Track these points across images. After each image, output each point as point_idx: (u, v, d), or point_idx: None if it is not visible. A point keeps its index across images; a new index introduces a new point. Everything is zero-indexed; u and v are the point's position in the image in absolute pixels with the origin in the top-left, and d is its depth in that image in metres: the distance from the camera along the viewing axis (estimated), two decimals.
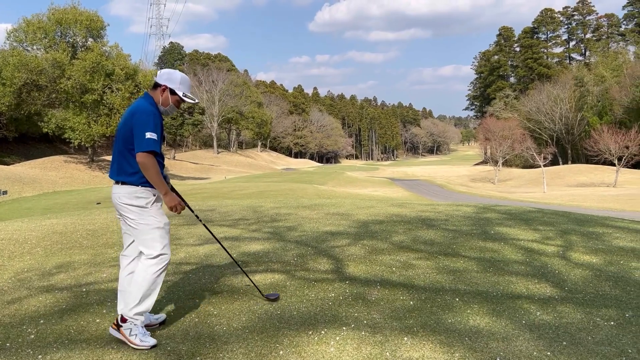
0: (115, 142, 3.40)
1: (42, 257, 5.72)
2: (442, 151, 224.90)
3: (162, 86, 3.39)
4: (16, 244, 6.56)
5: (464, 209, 8.96)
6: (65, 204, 24.62)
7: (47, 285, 4.58)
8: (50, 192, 32.81)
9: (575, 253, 5.40)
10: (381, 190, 39.41)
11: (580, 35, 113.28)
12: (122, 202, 3.30)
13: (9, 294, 4.36)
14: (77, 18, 37.68)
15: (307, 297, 4.08)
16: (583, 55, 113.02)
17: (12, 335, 3.43)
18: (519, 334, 3.29)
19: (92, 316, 3.74)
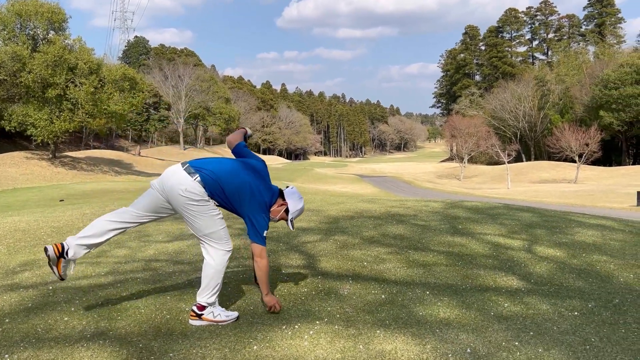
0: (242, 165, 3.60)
1: (5, 255, 5.56)
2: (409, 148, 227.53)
3: (286, 205, 3.66)
4: None
5: (432, 204, 9.10)
6: (26, 201, 23.88)
7: (12, 284, 4.46)
8: (9, 189, 31.77)
9: (540, 247, 5.56)
10: (350, 187, 39.66)
11: (543, 35, 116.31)
12: (188, 195, 3.36)
13: None
14: (38, 10, 36.52)
15: (280, 293, 4.08)
16: (546, 54, 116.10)
17: None
18: (488, 325, 3.38)
19: (59, 314, 3.66)
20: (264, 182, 3.60)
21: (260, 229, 3.47)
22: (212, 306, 3.45)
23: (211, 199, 3.41)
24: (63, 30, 38.81)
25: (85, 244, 3.48)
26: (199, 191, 3.35)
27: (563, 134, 53.65)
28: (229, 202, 3.47)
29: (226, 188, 3.43)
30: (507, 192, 38.27)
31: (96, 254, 5.52)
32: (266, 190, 3.57)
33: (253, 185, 3.50)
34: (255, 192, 3.49)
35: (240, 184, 3.46)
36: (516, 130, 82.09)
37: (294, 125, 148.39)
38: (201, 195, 3.36)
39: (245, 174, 3.52)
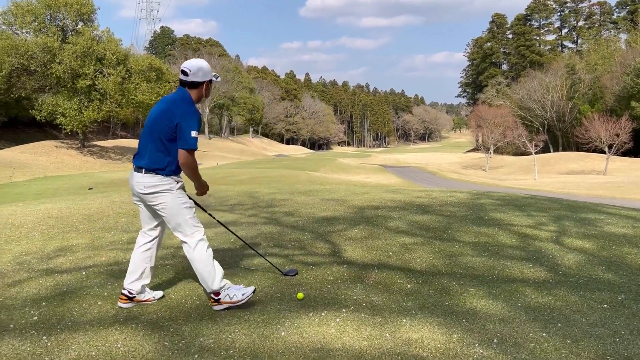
0: (147, 131, 3.52)
1: (40, 241, 5.73)
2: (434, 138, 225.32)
3: (204, 83, 3.56)
4: (12, 228, 6.56)
5: (458, 195, 9.04)
6: (57, 189, 24.48)
7: (47, 269, 4.60)
8: (41, 178, 32.56)
9: (569, 238, 5.49)
10: (373, 177, 39.54)
11: (573, 23, 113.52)
12: (148, 191, 3.45)
13: (9, 276, 4.38)
14: (67, 1, 37.13)
15: (306, 281, 4.13)
16: (575, 43, 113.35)
17: (15, 317, 3.46)
18: (515, 315, 3.37)
19: (93, 299, 3.78)
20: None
21: (188, 132, 3.38)
22: (226, 289, 3.52)
23: (167, 167, 3.44)
24: (91, 21, 39.42)
25: (136, 278, 3.62)
26: (153, 181, 3.44)
27: (592, 124, 52.43)
28: (165, 137, 3.41)
29: (151, 138, 3.45)
30: (534, 183, 37.69)
31: (127, 240, 5.65)
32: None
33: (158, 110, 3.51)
34: (159, 115, 3.47)
35: (153, 120, 3.49)
36: (544, 121, 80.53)
37: (317, 115, 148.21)
38: (158, 183, 3.44)
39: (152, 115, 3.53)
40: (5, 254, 5.16)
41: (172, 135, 3.41)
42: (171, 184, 3.48)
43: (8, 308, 3.64)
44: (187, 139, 3.35)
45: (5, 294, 3.93)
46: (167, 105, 3.48)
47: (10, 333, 3.21)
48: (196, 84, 3.53)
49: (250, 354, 2.87)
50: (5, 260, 4.92)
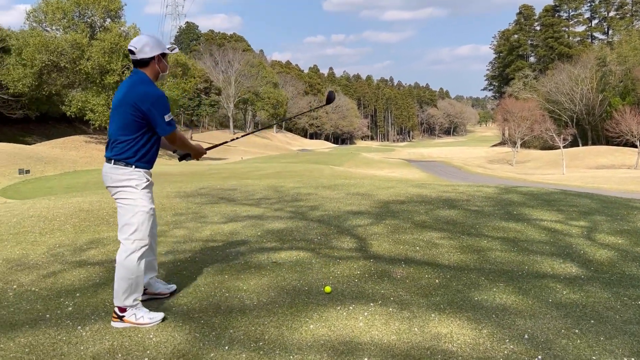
0: (112, 120, 3.33)
1: (72, 234, 5.87)
2: (459, 132, 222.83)
3: (155, 57, 3.30)
4: (46, 220, 6.72)
5: (485, 189, 8.93)
6: (86, 183, 25.03)
7: (80, 261, 4.71)
8: (71, 172, 33.31)
9: (600, 234, 5.38)
10: (398, 172, 39.33)
11: (604, 14, 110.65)
12: (114, 184, 3.31)
13: (44, 268, 4.50)
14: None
15: (333, 274, 4.15)
16: (606, 34, 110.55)
17: (50, 307, 3.56)
18: (546, 311, 3.33)
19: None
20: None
21: (162, 118, 3.25)
22: (134, 307, 3.26)
23: (136, 157, 3.27)
24: (119, 17, 40.05)
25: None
26: (120, 174, 3.27)
27: (624, 117, 51.18)
28: (136, 120, 3.23)
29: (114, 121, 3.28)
30: (562, 177, 37.00)
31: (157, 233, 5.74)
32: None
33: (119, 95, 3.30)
34: (120, 101, 3.26)
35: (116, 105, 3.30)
36: (572, 114, 78.89)
37: (340, 109, 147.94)
38: (125, 177, 3.27)
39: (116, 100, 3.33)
40: (39, 246, 5.30)
41: (137, 123, 3.21)
42: (138, 181, 3.29)
43: (44, 298, 3.74)
44: (163, 127, 3.24)
45: (40, 285, 4.04)
46: (125, 90, 3.25)
47: (47, 322, 3.30)
48: (146, 61, 3.29)
49: (280, 346, 2.90)
50: (39, 252, 5.05)
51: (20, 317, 3.40)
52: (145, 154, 3.33)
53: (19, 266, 4.58)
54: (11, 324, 3.28)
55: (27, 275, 4.31)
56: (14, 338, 3.08)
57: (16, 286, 4.02)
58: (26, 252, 5.05)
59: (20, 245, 5.37)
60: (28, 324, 3.28)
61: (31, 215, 7.15)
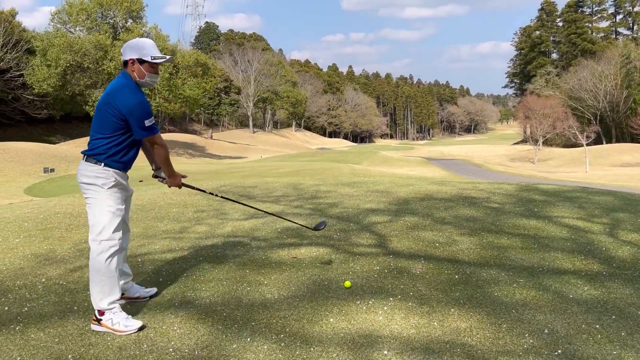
0: (94, 117, 3.34)
1: None
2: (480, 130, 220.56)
3: (129, 60, 3.24)
4: (71, 217, 6.88)
5: (506, 187, 8.87)
6: None
7: None
8: None
9: (623, 231, 5.32)
10: (417, 170, 39.14)
11: (628, 9, 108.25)
12: (82, 180, 3.29)
13: (70, 262, 4.62)
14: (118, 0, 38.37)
15: (353, 270, 4.18)
16: (631, 29, 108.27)
17: (77, 300, 3.67)
18: (567, 307, 3.32)
19: (150, 284, 3.95)
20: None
21: (143, 123, 3.21)
22: (111, 312, 3.17)
23: (107, 154, 3.24)
24: (140, 18, 40.58)
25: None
26: (89, 171, 3.25)
27: None
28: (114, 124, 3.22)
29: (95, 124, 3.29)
30: (585, 175, 36.44)
31: (178, 229, 5.85)
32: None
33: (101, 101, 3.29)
34: (102, 102, 3.26)
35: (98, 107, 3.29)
36: (596, 111, 77.52)
37: (359, 107, 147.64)
38: (93, 175, 3.24)
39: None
40: (66, 242, 5.44)
41: (114, 123, 3.19)
42: (105, 180, 3.23)
43: (71, 291, 3.85)
44: (137, 130, 3.20)
45: (68, 279, 4.16)
46: (109, 90, 3.27)
47: (75, 314, 3.40)
48: (125, 63, 3.28)
49: (300, 339, 2.95)
50: (66, 247, 5.19)
51: (49, 308, 3.51)
52: (117, 153, 3.27)
53: (47, 260, 4.71)
54: (41, 315, 3.39)
55: (54, 269, 4.43)
56: (43, 329, 3.19)
57: (44, 279, 4.14)
58: (53, 247, 5.19)
59: (48, 240, 5.52)
60: (57, 315, 3.38)
61: (57, 212, 7.33)
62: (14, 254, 4.99)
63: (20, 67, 42.70)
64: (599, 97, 76.55)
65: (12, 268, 4.50)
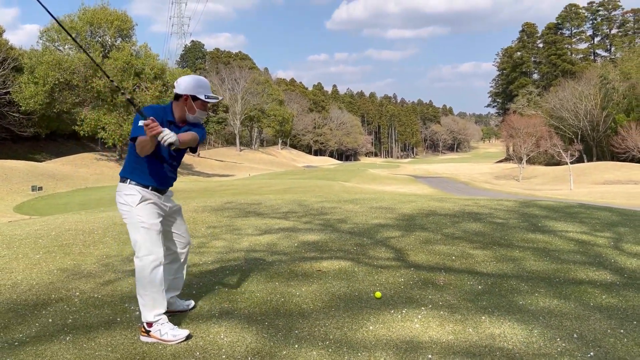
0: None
1: (115, 246, 6.09)
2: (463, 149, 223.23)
3: (183, 96, 3.42)
4: (84, 233, 6.95)
5: (506, 203, 9.14)
6: (99, 199, 25.29)
7: (131, 270, 4.91)
8: (82, 189, 33.64)
9: (627, 244, 5.58)
10: (406, 188, 39.50)
11: (606, 31, 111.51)
12: (117, 200, 3.47)
13: (99, 277, 4.72)
14: (108, 18, 38.52)
15: (378, 282, 4.35)
16: (608, 51, 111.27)
17: (118, 311, 3.78)
18: (590, 314, 3.53)
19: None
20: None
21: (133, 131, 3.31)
22: (158, 323, 3.29)
23: (133, 174, 3.40)
24: (130, 37, 40.72)
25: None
26: (119, 189, 3.44)
27: (629, 133, 51.40)
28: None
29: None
30: (570, 193, 37.12)
31: (196, 244, 5.97)
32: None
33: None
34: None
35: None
36: (577, 130, 79.16)
37: (345, 126, 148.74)
38: (121, 193, 3.41)
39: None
40: (88, 257, 5.53)
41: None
42: (132, 197, 3.37)
43: (109, 304, 3.95)
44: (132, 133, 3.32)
45: (101, 292, 4.26)
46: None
47: (120, 325, 3.51)
48: (177, 96, 3.45)
49: (346, 345, 3.11)
50: (90, 262, 5.28)
51: (92, 320, 3.62)
52: (140, 169, 3.40)
53: (75, 275, 4.80)
54: (87, 327, 3.50)
55: (85, 283, 4.53)
56: (93, 339, 3.29)
57: (79, 293, 4.24)
58: (77, 263, 5.27)
59: (69, 256, 5.59)
60: (103, 327, 3.49)
61: (68, 229, 7.39)
62: (39, 269, 5.07)
63: (7, 85, 42.49)
64: (579, 117, 78.23)
65: (42, 283, 4.58)
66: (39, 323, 3.57)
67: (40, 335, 3.36)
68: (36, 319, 3.64)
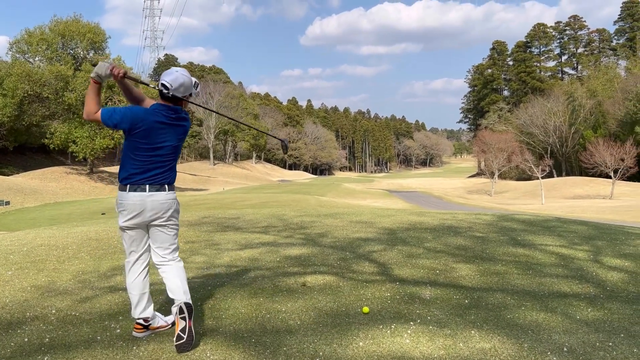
0: (169, 152, 3.58)
1: (91, 261, 5.91)
2: (435, 164, 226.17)
3: (185, 97, 3.50)
4: (58, 249, 6.73)
5: (484, 217, 9.23)
6: (69, 214, 24.68)
7: (110, 287, 4.77)
8: (52, 203, 32.78)
9: (606, 257, 5.66)
10: (381, 202, 39.67)
11: (573, 50, 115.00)
12: (174, 207, 3.60)
13: (76, 293, 4.55)
14: (80, 30, 37.98)
15: (365, 296, 4.30)
16: (575, 69, 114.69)
17: (98, 330, 3.63)
18: (578, 327, 3.54)
19: (167, 314, 3.94)
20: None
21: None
22: (151, 320, 3.56)
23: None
24: (103, 49, 40.19)
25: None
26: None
27: (597, 149, 52.84)
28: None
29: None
30: (541, 207, 37.83)
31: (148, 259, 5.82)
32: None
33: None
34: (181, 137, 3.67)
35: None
36: (546, 146, 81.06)
37: (319, 140, 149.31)
38: (179, 206, 3.74)
39: None
40: (63, 273, 5.34)
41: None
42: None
43: (88, 322, 3.80)
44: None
45: (79, 309, 4.10)
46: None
47: (99, 344, 3.37)
48: (176, 99, 3.44)
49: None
50: (65, 279, 5.09)
51: (71, 339, 3.47)
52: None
53: (50, 292, 4.62)
54: (65, 346, 3.35)
55: (61, 300, 4.36)
56: (72, 358, 3.15)
57: (55, 311, 4.07)
58: (52, 279, 5.08)
59: (43, 272, 5.39)
60: (83, 345, 3.35)
61: (40, 245, 7.15)
62: (12, 286, 4.86)
63: None
64: (549, 132, 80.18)
65: (15, 301, 4.39)
66: (15, 343, 3.41)
67: (17, 355, 3.20)
68: (11, 339, 3.48)
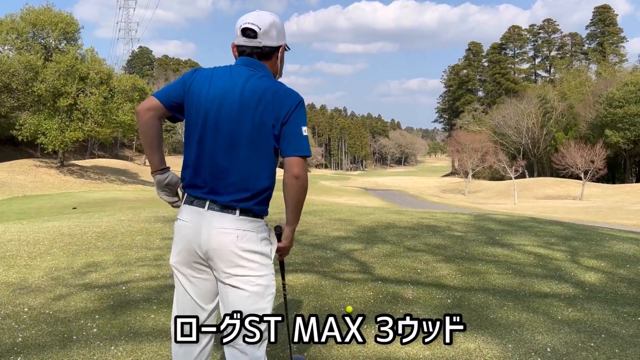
0: (226, 136, 2.05)
1: (64, 257, 5.73)
2: (410, 162, 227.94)
3: (280, 47, 2.15)
4: (29, 245, 6.52)
5: (461, 216, 9.29)
6: (39, 208, 24.03)
7: (84, 284, 4.63)
8: (20, 197, 31.89)
9: (582, 257, 5.74)
10: (357, 200, 39.79)
11: (546, 53, 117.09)
12: (243, 246, 2.01)
13: (49, 291, 4.40)
14: (52, 20, 36.97)
15: (347, 296, 4.26)
16: (548, 72, 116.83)
17: (73, 329, 3.51)
18: (560, 327, 3.56)
19: (145, 312, 3.84)
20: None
21: (300, 130, 2.09)
22: None
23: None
24: (75, 40, 39.24)
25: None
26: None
27: (569, 150, 53.91)
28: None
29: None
30: (514, 207, 38.44)
31: (153, 257, 5.70)
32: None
33: None
34: (255, 106, 2.00)
35: None
36: (519, 146, 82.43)
37: None
38: (266, 240, 2.24)
39: None
40: (35, 270, 5.16)
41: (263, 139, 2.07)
42: (272, 247, 2.20)
43: (62, 321, 3.67)
44: (298, 142, 2.06)
45: (53, 308, 3.96)
46: (262, 89, 2.02)
47: (76, 344, 3.26)
48: (270, 52, 2.13)
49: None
50: (37, 276, 4.93)
51: (45, 339, 3.34)
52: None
53: (22, 289, 4.46)
54: (39, 346, 3.22)
55: (34, 298, 4.20)
56: (47, 358, 3.03)
57: (27, 309, 3.93)
58: (23, 276, 4.91)
59: (14, 269, 5.21)
60: (58, 345, 3.23)
61: (10, 240, 6.93)
62: None
63: None
64: (521, 133, 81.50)
65: None
66: None
67: None
68: None
